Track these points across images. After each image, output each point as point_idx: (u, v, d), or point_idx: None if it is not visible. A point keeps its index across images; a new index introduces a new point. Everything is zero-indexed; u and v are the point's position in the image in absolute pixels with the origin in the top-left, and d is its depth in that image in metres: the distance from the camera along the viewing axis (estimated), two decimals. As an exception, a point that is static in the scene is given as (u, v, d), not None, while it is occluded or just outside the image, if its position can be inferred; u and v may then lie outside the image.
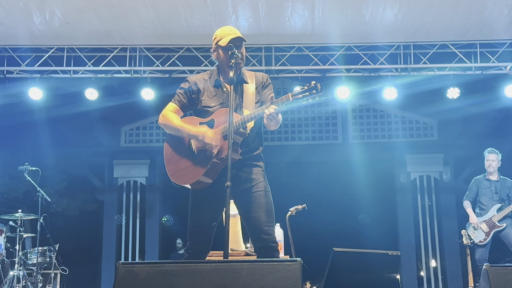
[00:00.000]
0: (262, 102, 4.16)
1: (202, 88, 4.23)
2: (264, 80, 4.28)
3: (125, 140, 13.59)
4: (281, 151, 12.91)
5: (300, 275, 3.12)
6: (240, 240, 5.78)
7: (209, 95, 4.20)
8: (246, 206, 4.11)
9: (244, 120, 3.97)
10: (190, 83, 4.26)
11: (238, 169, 4.03)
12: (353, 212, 13.31)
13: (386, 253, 4.39)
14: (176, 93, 4.29)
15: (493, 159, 8.22)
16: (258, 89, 4.23)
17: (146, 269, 3.29)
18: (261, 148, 4.26)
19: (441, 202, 13.21)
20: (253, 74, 4.29)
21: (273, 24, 8.88)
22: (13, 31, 8.95)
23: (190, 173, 4.08)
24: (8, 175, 13.12)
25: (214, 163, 4.01)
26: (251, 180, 4.11)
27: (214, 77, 4.26)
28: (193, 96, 4.23)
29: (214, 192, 4.06)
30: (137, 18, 8.69)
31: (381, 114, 13.40)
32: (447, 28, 8.98)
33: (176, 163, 4.16)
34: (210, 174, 4.03)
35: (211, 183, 4.07)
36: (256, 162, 4.19)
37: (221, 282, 3.14)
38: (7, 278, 8.41)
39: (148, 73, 9.76)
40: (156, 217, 13.39)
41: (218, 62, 4.27)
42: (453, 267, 12.70)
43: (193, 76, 4.39)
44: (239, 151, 4.01)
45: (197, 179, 4.04)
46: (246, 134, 4.04)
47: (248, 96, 4.17)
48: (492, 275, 3.41)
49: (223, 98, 4.16)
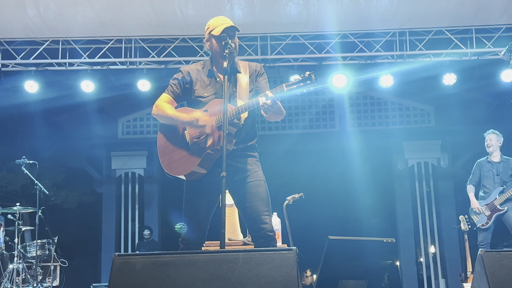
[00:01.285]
0: (256, 92, 4.15)
1: (195, 78, 4.22)
2: (258, 69, 4.27)
3: (122, 131, 13.59)
4: (278, 139, 12.91)
5: (295, 264, 3.13)
6: (238, 229, 5.79)
7: (202, 85, 4.20)
8: (241, 196, 4.10)
9: (238, 110, 3.97)
10: (183, 73, 4.25)
11: (232, 160, 4.03)
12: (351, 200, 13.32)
13: (381, 240, 4.41)
14: (169, 84, 4.29)
15: (491, 139, 8.21)
16: (252, 79, 4.22)
17: (142, 260, 3.29)
18: (255, 138, 4.26)
19: (439, 188, 13.24)
20: (247, 64, 4.28)
21: (268, 13, 8.85)
22: (7, 24, 8.93)
23: (184, 164, 4.07)
24: (5, 168, 13.14)
25: (208, 154, 4.01)
26: (246, 170, 4.11)
27: (207, 67, 4.25)
28: (186, 86, 4.22)
29: (208, 182, 4.06)
30: (131, 9, 8.66)
31: (378, 101, 13.40)
32: (442, 14, 8.96)
33: (169, 154, 4.16)
34: (204, 164, 4.03)
35: (206, 173, 4.06)
36: (250, 152, 4.19)
37: (216, 272, 3.15)
38: (7, 271, 8.43)
39: (144, 64, 9.74)
40: (155, 208, 13.41)
41: (211, 52, 4.25)
42: (451, 252, 12.75)
43: (186, 66, 4.38)
44: (233, 141, 4.01)
45: (191, 170, 4.04)
46: (240, 125, 4.03)
47: (241, 86, 4.16)
48: (487, 260, 3.42)
49: (217, 88, 4.15)
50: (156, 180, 13.46)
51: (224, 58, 4.00)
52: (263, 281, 3.10)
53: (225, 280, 3.13)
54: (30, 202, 9.26)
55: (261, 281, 3.10)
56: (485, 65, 9.83)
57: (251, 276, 3.13)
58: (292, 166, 13.64)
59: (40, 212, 8.68)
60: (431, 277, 12.95)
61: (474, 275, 3.63)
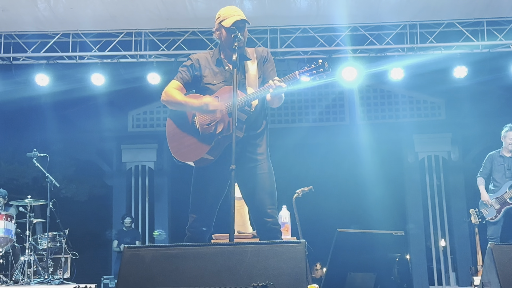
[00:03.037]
0: (264, 78, 4.16)
1: (204, 66, 4.23)
2: (264, 54, 4.28)
3: (132, 124, 13.62)
4: (288, 132, 12.89)
5: (304, 257, 3.14)
6: (247, 222, 5.79)
7: (211, 73, 4.21)
8: (249, 187, 4.11)
9: (249, 97, 3.97)
10: (192, 61, 4.27)
11: (242, 147, 4.03)
12: (361, 193, 13.28)
13: (390, 233, 4.41)
14: (178, 71, 4.29)
15: None
16: (259, 65, 4.23)
17: (151, 252, 3.32)
18: (264, 122, 4.25)
19: (449, 182, 13.17)
20: (254, 50, 4.29)
21: (278, 6, 8.84)
22: (18, 17, 8.96)
23: (194, 151, 4.08)
24: (17, 161, 13.21)
25: (218, 141, 4.01)
26: (255, 160, 4.12)
27: (216, 56, 4.27)
28: (195, 74, 4.23)
29: (217, 170, 4.08)
30: (141, 2, 8.67)
31: (388, 94, 13.35)
32: (453, 6, 8.91)
33: (179, 140, 4.16)
34: (214, 151, 4.04)
35: (214, 160, 4.07)
36: (260, 139, 4.18)
37: (225, 264, 3.17)
38: (18, 263, 8.49)
39: (154, 57, 9.76)
40: (165, 201, 13.45)
41: (219, 41, 4.26)
42: (462, 246, 12.70)
43: (196, 54, 4.39)
44: (243, 128, 4.01)
45: (201, 157, 4.05)
46: (251, 112, 4.04)
47: (250, 73, 4.16)
48: (497, 253, 3.42)
49: (226, 76, 4.16)
50: (166, 173, 13.49)
51: (233, 51, 4.01)
52: (271, 274, 3.12)
53: (233, 272, 3.15)
54: (41, 194, 9.31)
55: (270, 273, 3.12)
56: (496, 58, 9.76)
57: (259, 268, 3.14)
58: (302, 159, 13.61)
59: (51, 205, 8.73)
60: (441, 270, 12.92)
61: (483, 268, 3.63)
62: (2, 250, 8.15)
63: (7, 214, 8.38)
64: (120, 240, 11.88)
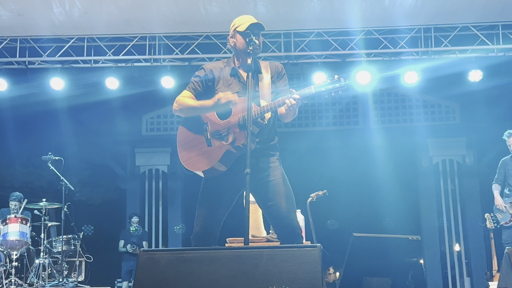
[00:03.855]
0: (277, 93, 4.14)
1: (218, 77, 4.20)
2: (279, 69, 4.25)
3: (146, 128, 13.66)
4: (301, 136, 12.87)
5: (320, 261, 3.12)
6: (261, 226, 5.79)
7: (224, 84, 4.18)
8: (263, 194, 4.08)
9: (263, 110, 3.96)
10: (205, 71, 4.23)
11: (253, 159, 3.97)
12: (375, 197, 13.23)
13: (406, 238, 4.38)
14: (191, 81, 4.27)
15: None
16: (273, 79, 4.20)
17: (167, 256, 3.32)
18: (276, 138, 4.24)
19: (464, 186, 13.08)
20: (268, 64, 4.25)
21: (292, 9, 8.83)
22: (33, 22, 9.02)
23: (204, 160, 4.05)
24: (32, 164, 13.31)
25: (229, 151, 3.99)
26: (267, 168, 4.09)
27: (230, 65, 4.23)
28: (208, 84, 4.20)
29: (227, 181, 4.05)
30: (156, 7, 8.70)
31: (402, 98, 13.29)
32: (468, 9, 8.85)
33: (189, 149, 4.14)
34: (224, 162, 4.01)
35: (225, 171, 4.05)
36: (272, 151, 4.17)
37: (241, 269, 3.16)
38: (33, 266, 8.56)
39: (168, 61, 9.79)
40: (178, 205, 13.46)
41: (234, 49, 4.24)
42: (477, 251, 12.61)
43: (209, 64, 4.35)
44: (255, 140, 4.00)
45: (211, 166, 4.02)
46: (263, 125, 4.02)
47: (264, 86, 4.14)
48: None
49: (239, 87, 4.13)
50: (179, 177, 13.50)
51: (248, 54, 4.00)
52: (287, 278, 3.11)
53: (249, 276, 3.15)
54: (56, 198, 9.37)
55: (285, 277, 3.11)
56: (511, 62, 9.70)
57: (275, 272, 3.13)
58: (315, 163, 13.59)
59: (66, 208, 8.78)
60: (456, 275, 12.83)
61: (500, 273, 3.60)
62: (17, 253, 8.21)
63: (22, 217, 8.46)
64: (126, 240, 11.67)
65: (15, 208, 9.04)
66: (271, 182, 4.06)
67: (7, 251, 8.19)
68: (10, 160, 13.49)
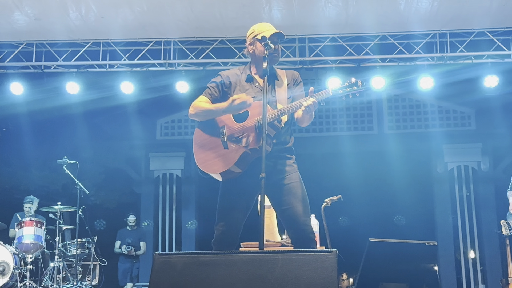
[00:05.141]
0: (294, 99, 4.16)
1: (234, 82, 4.24)
2: (295, 77, 4.31)
3: (160, 133, 13.71)
4: (316, 142, 12.86)
5: (335, 266, 3.11)
6: (276, 231, 5.79)
7: (241, 90, 4.21)
8: (279, 197, 4.09)
9: (279, 112, 3.98)
10: (222, 77, 4.28)
11: (270, 161, 4.01)
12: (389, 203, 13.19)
13: (422, 243, 4.35)
14: (207, 87, 4.30)
15: None
16: (290, 86, 4.24)
17: (182, 259, 3.32)
18: (292, 140, 4.26)
19: (479, 193, 12.99)
20: (284, 72, 4.31)
21: (307, 14, 8.82)
22: (50, 26, 9.09)
23: (220, 162, 4.07)
24: (47, 168, 13.39)
25: (246, 154, 4.01)
26: (284, 171, 4.11)
27: (246, 72, 4.28)
28: (225, 90, 4.24)
29: (244, 183, 4.07)
30: (171, 11, 8.73)
31: (417, 103, 13.24)
32: (484, 15, 8.80)
33: (206, 152, 4.16)
34: (241, 164, 4.03)
35: (241, 174, 4.06)
36: (288, 154, 4.19)
37: (256, 273, 3.16)
38: (48, 269, 8.61)
39: (183, 66, 9.81)
40: (192, 209, 13.49)
41: (252, 56, 4.28)
42: (492, 258, 12.52)
43: (226, 71, 4.40)
44: (271, 143, 4.02)
45: (227, 169, 4.04)
46: (280, 128, 4.04)
47: (280, 92, 4.18)
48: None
49: (256, 92, 4.17)
50: (193, 181, 13.54)
51: (264, 59, 4.02)
52: (302, 283, 3.10)
53: (264, 280, 3.14)
54: (71, 201, 9.42)
55: (301, 282, 3.10)
56: (528, 67, 9.64)
57: (290, 277, 3.12)
58: (330, 168, 13.56)
59: (81, 212, 8.82)
60: (470, 282, 12.73)
61: (518, 280, 3.57)
62: (32, 256, 8.27)
63: (37, 220, 8.51)
64: (122, 240, 11.30)
65: (29, 211, 9.11)
66: (287, 186, 4.07)
67: (22, 254, 8.24)
68: (26, 164, 13.59)
